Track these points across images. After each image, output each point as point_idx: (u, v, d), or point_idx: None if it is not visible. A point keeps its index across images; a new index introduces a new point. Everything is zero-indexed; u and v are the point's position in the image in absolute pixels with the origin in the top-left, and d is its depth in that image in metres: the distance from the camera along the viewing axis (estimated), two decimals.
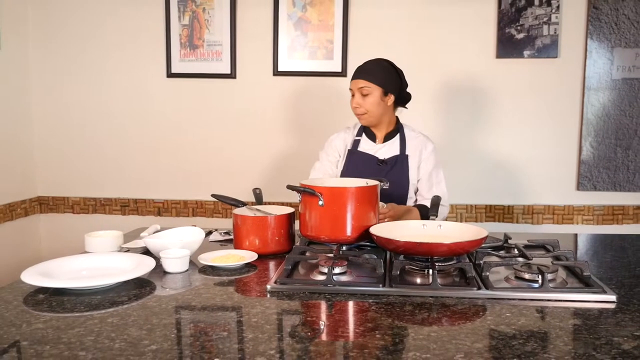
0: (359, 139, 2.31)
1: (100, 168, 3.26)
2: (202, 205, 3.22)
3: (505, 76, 2.99)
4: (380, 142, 2.29)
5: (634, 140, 2.96)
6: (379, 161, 2.23)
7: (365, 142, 2.30)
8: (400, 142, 2.27)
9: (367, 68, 2.22)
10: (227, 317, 1.24)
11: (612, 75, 2.93)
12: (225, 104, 3.16)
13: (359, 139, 2.31)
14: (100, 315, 1.23)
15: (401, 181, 2.22)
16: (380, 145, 2.28)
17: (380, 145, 2.28)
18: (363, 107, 2.19)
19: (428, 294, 1.37)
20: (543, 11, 2.91)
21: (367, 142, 2.30)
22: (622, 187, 2.99)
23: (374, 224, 1.69)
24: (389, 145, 2.28)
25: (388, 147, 2.27)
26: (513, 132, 3.03)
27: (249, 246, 1.75)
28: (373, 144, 2.29)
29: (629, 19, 2.89)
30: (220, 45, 3.10)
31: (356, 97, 2.20)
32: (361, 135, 2.32)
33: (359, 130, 2.34)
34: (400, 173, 2.22)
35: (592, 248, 2.05)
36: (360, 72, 2.21)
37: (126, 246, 1.85)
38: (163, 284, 1.48)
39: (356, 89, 2.19)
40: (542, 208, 3.05)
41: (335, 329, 1.18)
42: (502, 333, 1.14)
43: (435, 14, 2.99)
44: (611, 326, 1.17)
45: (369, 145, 2.29)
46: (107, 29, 3.16)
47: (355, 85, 2.20)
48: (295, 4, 3.03)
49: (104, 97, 3.21)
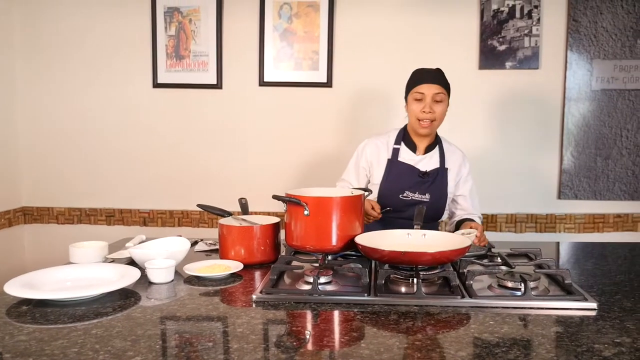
0: (399, 148, 2.22)
1: (86, 178, 3.24)
2: (188, 215, 3.21)
3: (488, 87, 3.04)
4: (420, 153, 2.22)
5: (613, 150, 3.01)
6: (420, 173, 2.17)
7: (405, 151, 2.22)
8: (439, 155, 2.23)
9: (437, 74, 2.15)
10: (212, 328, 1.24)
11: (591, 86, 2.99)
12: (211, 114, 3.16)
13: (398, 147, 2.22)
14: (84, 327, 1.22)
15: (441, 194, 2.19)
16: (420, 157, 2.21)
17: (420, 157, 2.21)
18: (434, 114, 2.11)
19: (413, 302, 1.38)
20: (524, 23, 2.97)
21: (407, 151, 2.22)
22: (603, 195, 3.04)
23: (359, 234, 1.70)
24: (429, 157, 2.22)
25: (428, 159, 2.21)
26: (495, 142, 3.07)
27: (235, 256, 1.76)
28: (413, 154, 2.22)
29: (607, 31, 2.95)
30: (206, 55, 3.11)
31: (428, 102, 2.10)
32: (400, 144, 2.23)
33: (397, 138, 2.25)
34: (440, 186, 2.19)
35: (574, 256, 2.08)
36: (435, 78, 2.13)
37: (111, 257, 1.84)
38: (148, 294, 1.47)
39: (430, 94, 2.10)
40: (525, 217, 3.09)
41: (320, 338, 1.18)
42: (486, 341, 1.15)
43: (419, 26, 3.03)
44: (592, 333, 1.19)
45: (409, 156, 2.21)
46: (93, 39, 3.16)
47: (430, 90, 2.10)
48: (281, 16, 3.06)
49: (89, 107, 3.20)
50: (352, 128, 3.09)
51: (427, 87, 2.10)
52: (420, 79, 2.13)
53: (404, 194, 2.15)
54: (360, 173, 2.28)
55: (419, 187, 2.15)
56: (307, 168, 3.13)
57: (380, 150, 2.24)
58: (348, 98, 3.10)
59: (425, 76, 2.14)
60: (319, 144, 3.12)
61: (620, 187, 3.03)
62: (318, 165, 3.13)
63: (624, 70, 2.96)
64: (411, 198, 2.14)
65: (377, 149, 2.25)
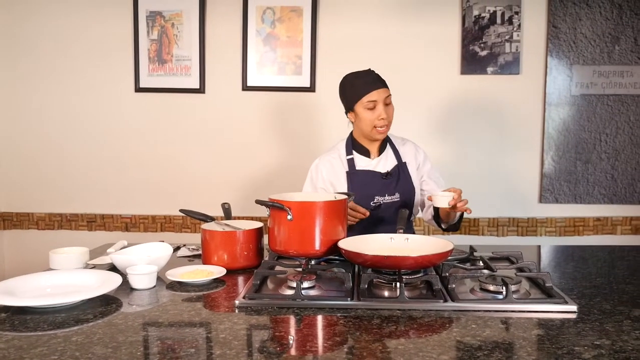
0: (352, 157, 2.19)
1: (66, 183, 3.20)
2: (170, 220, 3.19)
3: (470, 92, 3.07)
4: (375, 156, 2.20)
5: (593, 154, 3.06)
6: (383, 175, 2.15)
7: (360, 159, 2.20)
8: (394, 152, 2.22)
9: (379, 77, 2.12)
10: (194, 334, 1.23)
11: (571, 92, 3.03)
12: (194, 118, 3.15)
13: (351, 157, 2.19)
14: (65, 334, 1.21)
15: (409, 189, 2.18)
16: (376, 160, 2.20)
17: (376, 160, 2.20)
18: (389, 118, 2.10)
19: (396, 307, 1.38)
20: (505, 29, 3.00)
21: (362, 159, 2.20)
22: (583, 199, 3.08)
23: (342, 238, 1.70)
24: (384, 157, 2.20)
25: (385, 159, 2.20)
26: (477, 147, 3.10)
27: (218, 261, 1.75)
28: (368, 159, 2.20)
29: (586, 37, 3.00)
30: (189, 60, 3.09)
31: (381, 108, 2.07)
32: (352, 153, 2.20)
33: (347, 148, 2.22)
34: (405, 181, 2.17)
35: (555, 259, 2.10)
36: (380, 81, 2.10)
37: (92, 262, 1.82)
38: (130, 300, 1.46)
39: (381, 99, 2.06)
40: (507, 220, 3.12)
41: (303, 343, 1.18)
42: (468, 344, 1.16)
43: (402, 31, 3.05)
44: (572, 336, 1.21)
45: (365, 162, 2.19)
46: (74, 42, 3.13)
47: (381, 95, 2.06)
48: (264, 20, 3.06)
49: (70, 111, 3.17)
50: (335, 133, 3.09)
51: (376, 93, 2.06)
52: (368, 87, 2.07)
53: (374, 200, 2.13)
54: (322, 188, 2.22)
55: (386, 189, 2.14)
56: (291, 173, 3.13)
57: (334, 166, 2.20)
58: (331, 103, 3.09)
59: (371, 83, 2.08)
60: (303, 149, 3.13)
61: (599, 190, 3.07)
62: (301, 170, 3.12)
63: (603, 76, 3.01)
64: (382, 202, 2.14)
65: (331, 166, 2.20)
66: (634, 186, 3.06)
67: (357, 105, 2.11)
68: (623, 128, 3.03)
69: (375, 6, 3.05)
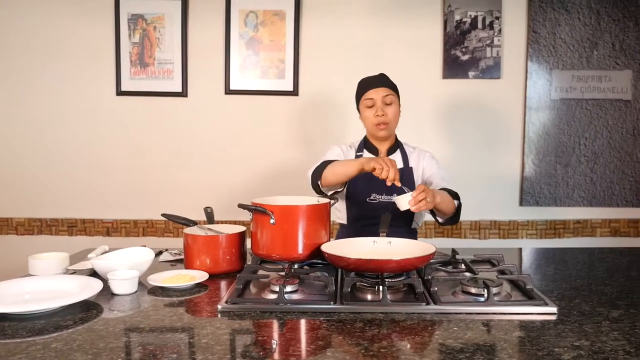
0: (361, 154, 2.23)
1: (46, 187, 3.16)
2: (152, 224, 3.16)
3: (452, 96, 3.09)
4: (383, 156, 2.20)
5: (572, 158, 3.10)
6: None
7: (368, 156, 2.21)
8: (402, 156, 2.24)
9: (382, 78, 2.18)
10: (176, 339, 1.22)
11: (551, 96, 3.07)
12: (177, 122, 3.13)
13: (360, 154, 2.23)
14: (44, 341, 1.19)
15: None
16: None
17: None
18: (388, 116, 2.13)
19: (378, 310, 1.39)
20: (486, 34, 3.03)
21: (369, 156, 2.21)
22: (563, 202, 3.12)
23: (325, 242, 1.70)
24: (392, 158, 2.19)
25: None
26: (459, 150, 3.12)
27: (200, 266, 1.74)
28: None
29: (565, 42, 3.04)
30: (171, 63, 3.08)
31: (379, 106, 2.12)
32: (362, 151, 2.24)
33: (359, 146, 2.26)
34: (407, 185, 2.16)
35: (535, 261, 2.12)
36: (381, 81, 2.16)
37: (72, 268, 1.80)
38: (111, 306, 1.45)
39: (379, 97, 2.12)
40: (488, 223, 3.14)
41: (286, 348, 1.18)
42: (450, 347, 1.17)
43: (385, 36, 3.07)
44: (552, 337, 1.22)
45: None
46: (54, 45, 3.10)
47: (379, 94, 2.13)
48: (247, 24, 3.06)
49: (49, 114, 3.13)
50: (318, 136, 3.11)
51: (374, 92, 2.14)
52: (367, 86, 2.17)
53: (371, 197, 2.15)
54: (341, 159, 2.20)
55: (385, 189, 2.14)
56: (274, 177, 3.12)
57: (346, 155, 2.25)
58: (314, 106, 3.11)
59: (371, 82, 2.17)
60: (286, 153, 3.13)
61: (579, 193, 3.11)
62: (284, 173, 3.13)
63: (582, 81, 3.05)
64: (378, 201, 2.15)
65: (342, 152, 2.26)
66: (612, 189, 3.11)
67: (360, 104, 2.20)
68: (601, 132, 3.08)
69: (358, 10, 3.06)
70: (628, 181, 3.11)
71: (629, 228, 3.16)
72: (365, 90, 2.17)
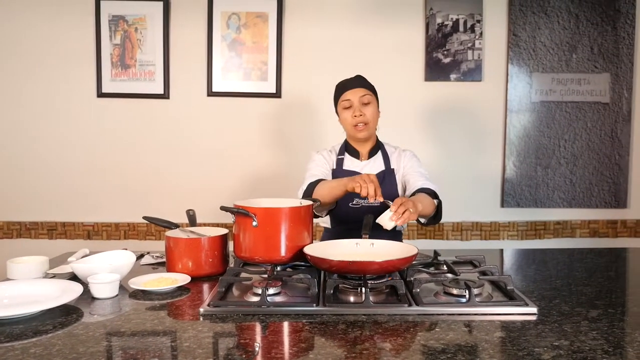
0: (342, 158, 2.23)
1: (25, 190, 3.12)
2: (134, 227, 3.14)
3: (434, 98, 3.12)
4: (364, 158, 2.23)
5: (552, 160, 3.14)
6: None
7: (349, 160, 2.23)
8: (383, 157, 2.23)
9: (359, 79, 2.18)
10: (158, 343, 1.21)
11: (531, 98, 3.11)
12: (158, 124, 3.11)
13: (342, 157, 2.23)
14: (22, 346, 1.17)
15: (391, 196, 2.09)
16: (364, 163, 2.22)
17: (364, 163, 2.22)
18: (366, 116, 2.12)
19: (361, 312, 1.39)
20: (467, 37, 3.06)
21: (351, 160, 2.23)
22: (543, 203, 3.16)
23: (308, 244, 1.70)
24: (373, 161, 2.22)
25: (372, 163, 2.22)
26: (441, 152, 3.15)
27: (182, 269, 1.73)
28: (358, 161, 2.22)
29: (545, 45, 3.08)
30: (153, 65, 3.06)
31: (357, 106, 2.12)
32: (344, 154, 2.24)
33: (340, 150, 2.26)
34: (389, 188, 2.16)
35: (516, 262, 2.14)
36: (357, 82, 2.16)
37: (52, 272, 1.77)
38: (91, 310, 1.43)
39: (356, 98, 2.12)
40: (470, 225, 3.17)
41: (269, 350, 1.18)
42: (432, 348, 1.17)
43: (367, 38, 3.08)
44: (532, 337, 1.23)
45: (353, 163, 2.22)
46: (34, 46, 3.06)
47: (355, 94, 2.13)
48: (230, 26, 3.05)
49: (29, 116, 3.09)
50: (301, 138, 3.11)
51: (351, 92, 2.14)
52: (344, 88, 2.17)
53: (353, 201, 2.15)
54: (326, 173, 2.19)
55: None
56: (256, 179, 3.12)
57: (327, 161, 2.25)
58: (297, 109, 3.11)
59: (348, 84, 2.17)
60: (269, 155, 3.12)
61: (559, 195, 3.15)
62: (267, 176, 3.12)
63: (561, 83, 3.09)
64: (361, 205, 2.15)
65: (324, 159, 2.24)
66: (591, 190, 3.16)
67: (338, 106, 2.20)
68: (581, 134, 3.13)
69: (341, 13, 3.07)
70: (607, 183, 3.16)
71: (607, 229, 3.21)
72: (342, 92, 2.17)
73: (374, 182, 1.79)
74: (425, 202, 1.94)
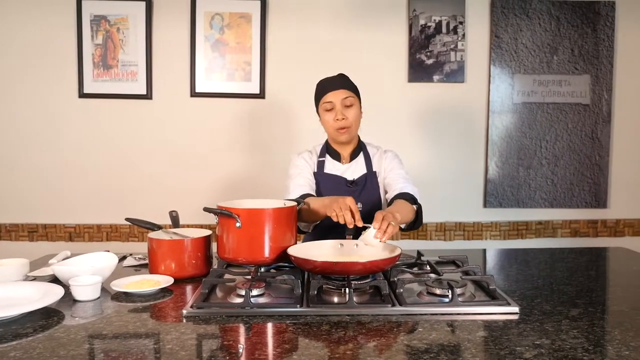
0: (324, 160, 2.17)
1: (5, 191, 3.07)
2: (117, 229, 3.11)
3: (417, 99, 3.13)
4: (346, 161, 2.17)
5: (534, 160, 3.17)
6: (348, 182, 2.11)
7: (331, 163, 2.17)
8: (365, 160, 2.18)
9: (342, 79, 2.10)
10: (140, 345, 1.20)
11: (513, 100, 3.14)
12: (141, 125, 3.09)
13: (323, 159, 2.17)
14: (2, 350, 1.16)
15: (374, 200, 2.12)
16: (346, 166, 2.16)
17: (346, 166, 2.16)
18: (348, 120, 2.06)
19: (345, 312, 1.39)
20: (450, 39, 3.08)
21: (332, 162, 2.17)
22: (525, 204, 3.19)
23: (292, 245, 1.70)
24: (355, 164, 2.17)
25: (354, 166, 2.16)
26: (424, 153, 3.16)
27: (165, 270, 1.72)
28: (339, 164, 2.16)
29: (527, 47, 3.11)
30: (135, 65, 3.03)
31: (339, 109, 2.05)
32: (324, 156, 2.18)
33: (321, 151, 2.20)
34: (371, 191, 2.13)
35: (499, 262, 2.16)
36: (340, 83, 2.08)
37: (33, 274, 1.75)
38: (72, 313, 1.42)
39: (339, 100, 2.05)
40: (453, 225, 3.19)
41: (252, 352, 1.17)
42: (415, 348, 1.18)
43: (351, 39, 3.09)
44: (514, 336, 1.24)
45: (335, 166, 2.16)
46: (14, 45, 3.02)
47: (337, 96, 2.05)
48: (213, 26, 3.03)
49: (8, 115, 3.05)
50: (285, 139, 3.10)
51: (333, 94, 2.06)
52: (326, 88, 2.09)
53: None
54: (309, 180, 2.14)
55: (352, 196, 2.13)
56: (240, 180, 3.11)
57: (308, 165, 2.18)
58: (281, 109, 3.11)
59: (330, 84, 2.09)
60: (252, 156, 3.11)
61: (540, 195, 3.19)
62: (251, 177, 3.11)
63: (543, 85, 3.13)
64: None
65: (306, 163, 2.17)
66: (572, 191, 3.20)
67: (319, 107, 2.13)
68: (562, 135, 3.16)
69: (325, 13, 3.07)
70: (587, 183, 3.20)
71: (588, 228, 3.25)
72: (323, 93, 2.09)
73: (350, 207, 1.72)
74: (405, 211, 1.90)
